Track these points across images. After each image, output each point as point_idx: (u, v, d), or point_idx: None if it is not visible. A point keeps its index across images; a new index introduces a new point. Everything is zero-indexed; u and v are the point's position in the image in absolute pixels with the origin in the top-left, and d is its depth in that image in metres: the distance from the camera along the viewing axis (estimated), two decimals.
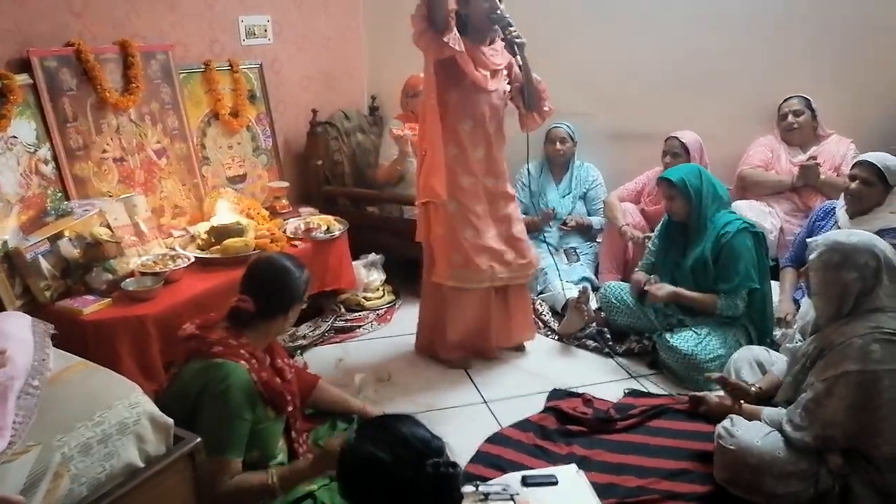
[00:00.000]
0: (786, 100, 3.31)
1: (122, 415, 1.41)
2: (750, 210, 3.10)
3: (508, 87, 2.58)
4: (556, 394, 2.54)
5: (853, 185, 2.59)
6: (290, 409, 1.80)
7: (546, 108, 2.67)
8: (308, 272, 1.87)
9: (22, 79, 2.26)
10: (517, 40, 2.42)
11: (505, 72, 2.57)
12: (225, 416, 1.61)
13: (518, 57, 2.47)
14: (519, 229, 2.70)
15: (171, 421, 1.49)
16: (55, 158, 2.37)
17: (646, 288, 2.72)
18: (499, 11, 2.39)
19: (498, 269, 2.61)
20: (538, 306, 3.20)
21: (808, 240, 2.02)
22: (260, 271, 1.82)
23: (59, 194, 2.38)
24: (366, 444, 1.26)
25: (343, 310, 3.20)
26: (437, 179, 2.47)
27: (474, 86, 2.45)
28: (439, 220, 2.57)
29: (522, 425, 2.34)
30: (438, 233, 2.58)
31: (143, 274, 2.32)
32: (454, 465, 1.25)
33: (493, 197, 2.62)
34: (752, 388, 2.15)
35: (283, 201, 3.24)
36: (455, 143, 2.52)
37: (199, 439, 1.52)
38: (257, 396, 1.68)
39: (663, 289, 2.68)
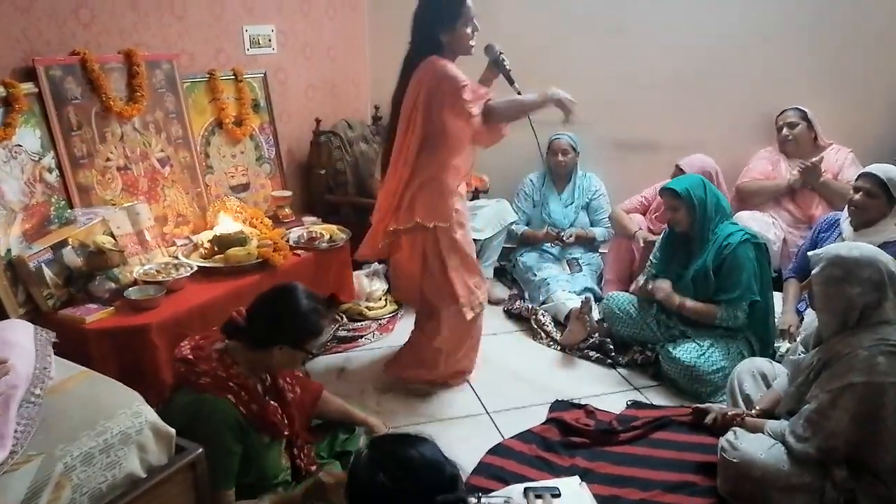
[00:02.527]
0: (781, 112, 3.35)
1: (125, 424, 1.41)
2: (753, 221, 3.10)
3: None
4: (558, 405, 2.54)
5: (857, 196, 2.59)
6: (286, 433, 1.77)
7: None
8: (327, 326, 1.78)
9: (27, 87, 2.26)
10: (509, 71, 2.42)
11: None
12: (212, 453, 1.58)
13: (514, 85, 2.43)
14: None
15: (172, 431, 1.49)
16: (59, 167, 2.37)
17: (649, 287, 2.75)
18: (493, 45, 2.42)
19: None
20: (541, 317, 3.19)
21: (809, 253, 2.01)
22: (269, 293, 1.75)
23: (63, 202, 2.38)
24: (375, 471, 1.21)
25: (345, 319, 3.20)
26: (450, 202, 2.43)
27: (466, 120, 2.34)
28: (455, 249, 2.46)
29: (525, 437, 2.33)
30: (454, 264, 2.46)
31: (145, 283, 2.32)
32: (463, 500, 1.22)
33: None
34: (753, 412, 2.14)
35: (286, 210, 3.25)
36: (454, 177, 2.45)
37: (200, 450, 1.52)
38: (247, 427, 1.65)
39: (666, 286, 2.71)
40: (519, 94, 2.42)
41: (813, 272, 1.90)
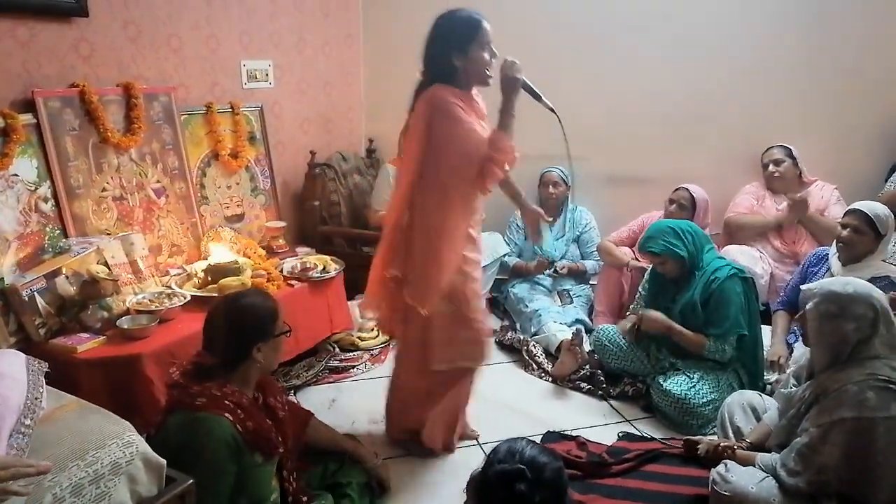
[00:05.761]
0: (767, 150, 3.43)
1: (115, 454, 1.40)
2: (741, 255, 3.14)
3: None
4: (550, 437, 2.53)
5: (844, 232, 2.64)
6: (280, 450, 1.77)
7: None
8: (272, 305, 1.76)
9: (26, 118, 2.29)
10: (533, 88, 2.19)
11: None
12: (208, 473, 1.57)
13: (543, 100, 2.20)
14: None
15: (163, 461, 1.48)
16: (55, 196, 2.39)
17: (640, 312, 2.74)
18: (525, 80, 2.15)
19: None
20: (532, 348, 3.20)
21: (802, 287, 2.02)
22: (210, 320, 1.75)
23: (58, 232, 2.39)
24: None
25: (337, 350, 3.19)
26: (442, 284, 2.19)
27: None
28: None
29: None
30: (440, 308, 2.19)
31: (138, 312, 2.31)
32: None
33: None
34: (743, 444, 2.14)
35: (280, 241, 3.26)
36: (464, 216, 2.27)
37: (191, 481, 1.51)
38: (242, 446, 1.64)
39: (654, 313, 2.71)
40: (552, 110, 2.18)
41: (807, 307, 1.91)
